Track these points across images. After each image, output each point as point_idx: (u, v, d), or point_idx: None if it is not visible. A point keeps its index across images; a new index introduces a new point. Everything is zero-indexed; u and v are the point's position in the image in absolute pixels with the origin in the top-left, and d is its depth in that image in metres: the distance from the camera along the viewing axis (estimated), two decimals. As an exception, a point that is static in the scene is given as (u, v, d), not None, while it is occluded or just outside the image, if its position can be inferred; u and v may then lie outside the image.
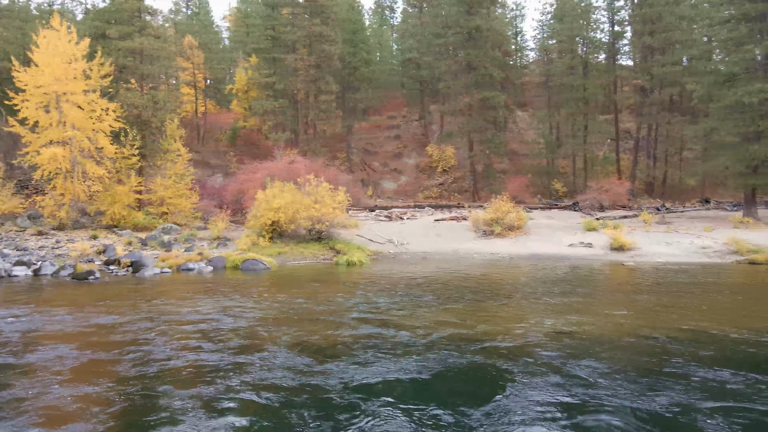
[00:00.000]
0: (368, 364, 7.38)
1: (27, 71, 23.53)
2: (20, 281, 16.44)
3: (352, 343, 8.52)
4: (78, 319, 10.67)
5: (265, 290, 14.48)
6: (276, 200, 21.96)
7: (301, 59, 34.37)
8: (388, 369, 7.17)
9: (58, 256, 20.06)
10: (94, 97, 24.44)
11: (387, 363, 7.41)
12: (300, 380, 6.78)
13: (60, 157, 23.22)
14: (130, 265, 18.54)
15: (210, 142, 36.65)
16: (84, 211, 25.38)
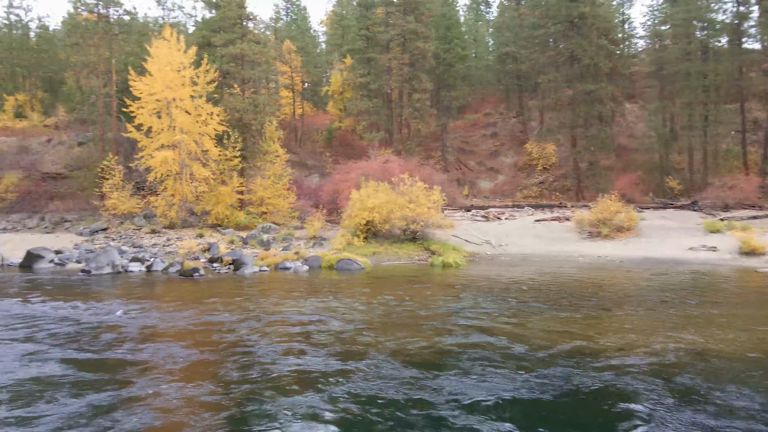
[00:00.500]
0: (479, 378, 6.61)
1: (142, 80, 25.09)
2: (135, 276, 17.35)
3: (460, 353, 7.78)
4: (186, 316, 10.84)
5: (362, 291, 14.09)
6: (370, 200, 21.70)
7: (395, 58, 34.11)
8: (502, 386, 6.35)
9: (168, 253, 21.09)
10: (201, 102, 25.59)
11: (500, 379, 6.60)
12: (406, 393, 6.16)
13: (170, 159, 24.52)
14: (232, 263, 19.02)
15: (307, 143, 37.46)
16: (191, 210, 26.66)
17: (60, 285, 15.32)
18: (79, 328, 9.84)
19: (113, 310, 11.51)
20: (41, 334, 9.30)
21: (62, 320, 10.43)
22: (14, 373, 7.07)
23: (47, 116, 39.13)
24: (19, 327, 9.82)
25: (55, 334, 9.25)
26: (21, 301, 12.55)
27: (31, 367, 7.29)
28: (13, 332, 9.40)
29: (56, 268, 19.20)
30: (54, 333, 9.36)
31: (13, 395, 6.31)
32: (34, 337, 9.05)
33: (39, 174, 30.93)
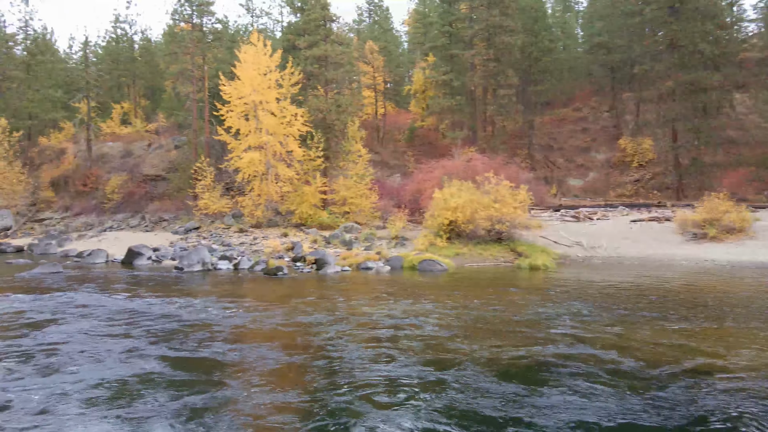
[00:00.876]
0: (587, 397, 5.87)
1: (231, 84, 25.99)
2: (223, 274, 17.85)
3: (561, 365, 7.04)
4: (273, 316, 10.83)
5: (447, 294, 13.53)
6: (453, 199, 21.08)
7: (479, 54, 33.16)
8: (614, 408, 5.58)
9: (255, 251, 21.62)
10: (285, 104, 26.12)
11: (611, 399, 5.82)
12: (504, 411, 5.56)
13: (257, 160, 25.20)
14: (314, 262, 19.12)
15: (389, 142, 37.37)
16: (277, 210, 27.28)
17: (156, 281, 16.00)
18: (174, 325, 10.06)
19: (206, 307, 11.73)
20: (139, 330, 9.57)
21: (159, 317, 10.73)
22: (115, 369, 7.23)
23: (149, 122, 41.80)
24: (120, 322, 10.19)
25: (152, 331, 9.49)
26: (121, 297, 13.15)
27: (131, 364, 7.43)
28: (115, 328, 9.74)
29: (153, 264, 20.21)
30: (151, 329, 9.60)
31: (114, 393, 6.41)
32: (134, 333, 9.32)
33: (140, 176, 33.01)
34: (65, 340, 8.82)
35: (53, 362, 7.56)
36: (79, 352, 8.06)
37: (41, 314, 10.91)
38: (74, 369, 7.23)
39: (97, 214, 31.70)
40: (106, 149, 36.42)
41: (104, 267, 19.78)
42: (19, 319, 10.54)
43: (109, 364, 7.47)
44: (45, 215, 32.80)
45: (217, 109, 27.00)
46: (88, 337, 9.03)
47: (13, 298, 12.91)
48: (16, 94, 36.87)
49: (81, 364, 7.43)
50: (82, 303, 12.18)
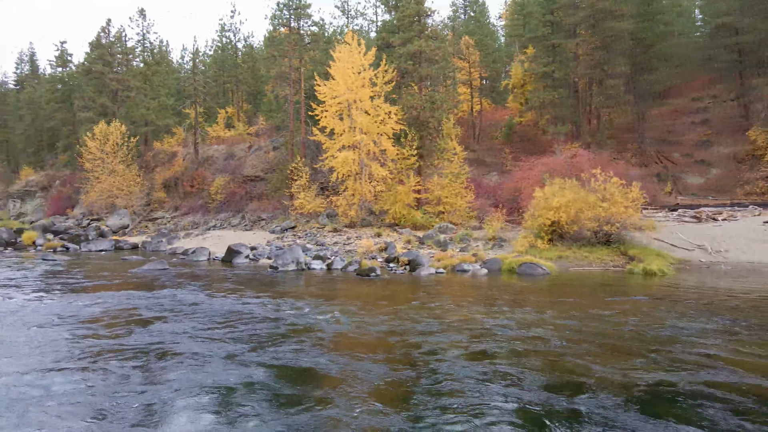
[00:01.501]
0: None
1: (326, 84, 26.13)
2: (316, 274, 17.78)
3: (708, 395, 5.84)
4: (371, 322, 10.39)
5: (554, 301, 12.35)
6: (556, 198, 19.59)
7: (584, 42, 30.91)
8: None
9: (348, 251, 21.46)
10: (379, 102, 25.81)
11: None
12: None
13: (350, 160, 25.11)
14: (408, 263, 18.55)
15: (485, 140, 36.03)
16: (370, 210, 27.08)
17: (253, 281, 16.20)
18: (272, 328, 9.90)
19: (302, 310, 11.52)
20: (239, 333, 9.48)
21: (256, 319, 10.65)
22: (217, 375, 7.05)
23: (250, 125, 43.59)
24: (220, 324, 10.18)
25: (251, 335, 9.35)
26: (220, 297, 13.33)
27: (232, 371, 7.23)
28: (216, 330, 9.72)
29: (250, 263, 20.67)
30: (250, 333, 9.47)
31: (215, 403, 6.18)
32: (233, 335, 9.24)
33: (241, 177, 34.35)
34: (168, 341, 8.87)
35: (156, 365, 7.54)
36: (181, 355, 8.02)
37: (148, 311, 11.21)
38: (176, 373, 7.14)
39: (202, 213, 33.39)
40: (211, 152, 38.37)
41: (206, 265, 20.52)
42: (126, 317, 10.88)
43: (210, 369, 7.32)
44: (158, 214, 35.11)
45: (313, 109, 27.31)
46: (190, 338, 9.02)
47: (123, 294, 13.51)
48: (134, 103, 39.90)
49: (183, 369, 7.34)
50: (185, 302, 12.44)
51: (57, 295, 13.26)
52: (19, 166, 61.67)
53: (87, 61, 40.19)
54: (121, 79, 38.89)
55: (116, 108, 39.06)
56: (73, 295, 13.30)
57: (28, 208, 48.83)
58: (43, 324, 10.02)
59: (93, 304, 11.96)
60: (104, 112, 38.61)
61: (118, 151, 34.94)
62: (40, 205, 47.03)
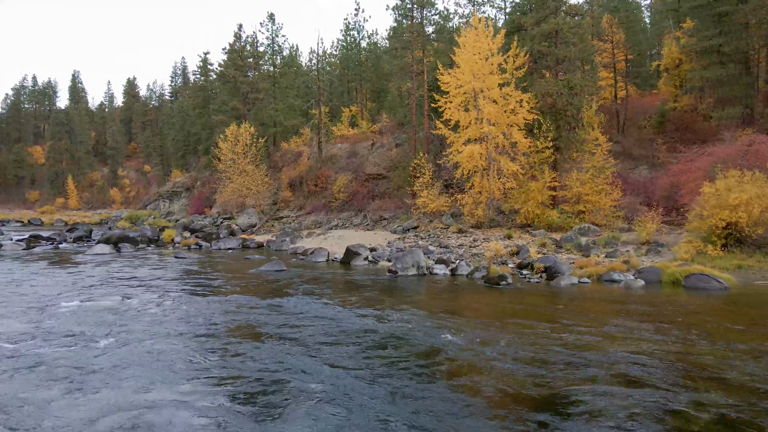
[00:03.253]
0: None
1: (450, 73, 24.20)
2: (439, 280, 16.00)
3: None
4: (505, 347, 8.41)
5: (746, 328, 9.34)
6: (733, 194, 15.91)
7: (761, 7, 25.58)
8: None
9: (474, 255, 19.37)
10: (509, 90, 23.31)
11: None
12: None
13: (477, 154, 22.94)
14: (544, 270, 16.07)
15: (632, 129, 31.62)
16: (499, 209, 24.68)
17: (371, 286, 14.81)
18: (397, 348, 8.47)
19: (427, 327, 9.80)
20: (354, 354, 8.11)
21: (378, 336, 9.25)
22: (351, 417, 5.65)
23: (373, 123, 43.02)
24: (338, 341, 8.90)
25: (369, 359, 7.97)
26: (337, 304, 12.05)
27: (363, 410, 5.81)
28: (335, 349, 8.44)
29: (369, 266, 19.41)
30: (371, 355, 8.13)
31: None
32: (354, 354, 7.95)
33: (364, 175, 33.62)
34: (286, 363, 7.65)
35: (289, 398, 6.30)
36: (297, 388, 6.70)
37: (258, 322, 10.19)
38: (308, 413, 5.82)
39: (325, 212, 33.17)
40: (335, 150, 38.27)
41: (324, 266, 19.63)
42: (234, 328, 9.91)
43: (340, 405, 5.92)
44: (283, 213, 35.64)
45: (437, 101, 25.52)
46: (302, 358, 7.74)
47: (235, 300, 12.77)
48: (263, 105, 41.16)
49: (300, 404, 5.97)
50: (297, 311, 11.31)
51: (172, 297, 12.85)
52: (170, 169, 67.68)
53: (221, 66, 42.30)
54: (251, 82, 40.27)
55: (246, 110, 40.54)
56: (188, 297, 12.80)
57: (175, 207, 52.94)
58: (150, 335, 9.30)
59: (204, 311, 11.23)
60: (236, 114, 40.27)
61: (248, 152, 36.02)
62: (184, 204, 50.70)
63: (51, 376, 6.98)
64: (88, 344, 8.54)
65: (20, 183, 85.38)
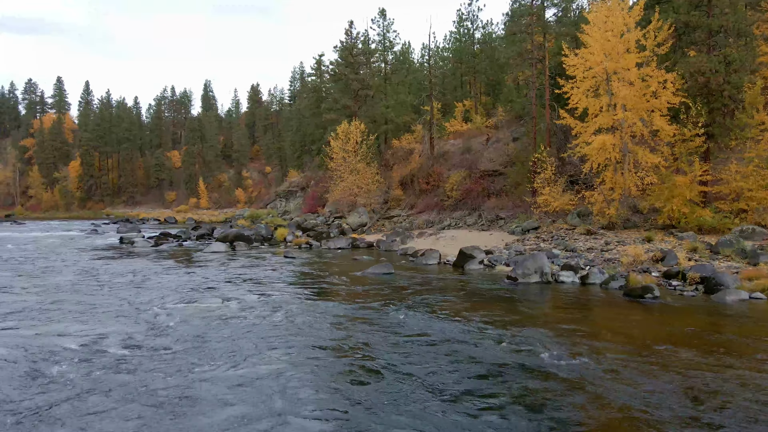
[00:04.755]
0: None
1: (577, 54, 21.55)
2: (566, 289, 13.81)
3: None
4: (669, 398, 6.34)
5: None
6: None
7: None
8: None
9: (607, 261, 16.77)
10: (648, 70, 20.14)
11: None
12: None
13: (609, 145, 20.11)
14: (700, 281, 13.25)
15: (802, 112, 26.45)
16: (635, 207, 21.56)
17: (487, 296, 13.06)
18: (514, 385, 6.73)
19: (551, 351, 7.96)
20: (468, 386, 6.53)
21: (494, 367, 7.55)
22: None
23: (488, 118, 40.73)
24: (442, 368, 7.38)
25: (486, 396, 6.34)
26: (445, 317, 10.52)
27: None
28: (438, 379, 6.92)
29: (485, 270, 17.58)
30: (484, 391, 6.48)
31: None
32: (468, 386, 6.38)
33: (478, 172, 31.62)
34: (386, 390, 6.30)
35: None
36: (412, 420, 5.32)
37: (364, 335, 8.97)
38: None
39: (437, 211, 31.67)
40: (447, 147, 36.62)
41: (435, 270, 18.13)
42: (338, 340, 8.75)
43: None
44: (394, 212, 34.68)
45: (560, 88, 22.92)
46: (419, 391, 6.33)
47: (338, 307, 11.70)
48: (374, 102, 40.58)
49: None
50: (403, 326, 9.94)
51: (272, 301, 12.07)
52: (287, 170, 70.23)
53: (332, 64, 42.46)
54: (362, 79, 39.85)
55: (357, 108, 40.20)
56: (288, 302, 11.95)
57: (290, 206, 54.49)
58: (243, 347, 8.41)
59: (301, 319, 10.24)
60: (347, 112, 40.11)
61: (359, 150, 35.55)
62: (299, 203, 51.93)
63: (134, 396, 6.17)
64: (178, 356, 7.78)
65: (161, 185, 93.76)
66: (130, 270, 17.55)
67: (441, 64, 51.74)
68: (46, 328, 9.43)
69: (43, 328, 9.43)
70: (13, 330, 9.30)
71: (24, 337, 8.78)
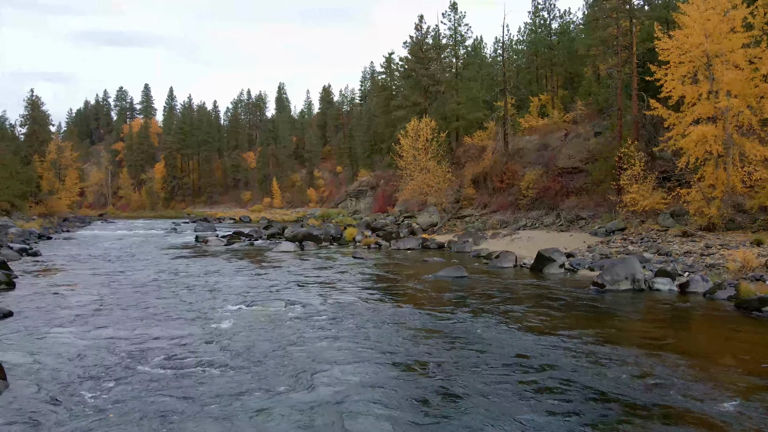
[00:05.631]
0: None
1: (671, 36, 19.49)
2: (662, 298, 12.24)
3: None
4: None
5: None
6: None
7: None
8: None
9: (710, 266, 14.86)
10: (758, 51, 17.82)
11: None
12: None
13: (710, 137, 17.98)
14: (832, 293, 11.26)
15: None
16: (740, 206, 19.21)
17: (570, 304, 11.76)
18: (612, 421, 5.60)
19: (653, 375, 6.73)
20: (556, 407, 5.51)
21: (587, 398, 6.43)
22: None
23: (566, 112, 38.53)
24: (530, 387, 6.38)
25: None
26: (528, 331, 9.43)
27: None
28: (528, 403, 5.93)
29: (566, 275, 16.14)
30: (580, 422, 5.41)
31: None
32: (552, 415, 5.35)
33: (556, 169, 29.77)
34: None
35: None
36: None
37: (434, 349, 8.09)
38: None
39: (512, 211, 30.13)
40: (522, 143, 34.87)
41: (511, 273, 16.89)
42: (404, 355, 7.93)
43: None
44: (466, 212, 33.42)
45: (647, 81, 20.87)
46: None
47: (404, 313, 10.86)
48: (444, 98, 39.42)
49: None
50: (482, 337, 8.97)
51: (337, 305, 11.41)
52: (357, 169, 70.39)
53: (401, 60, 41.70)
54: (432, 75, 38.78)
55: (428, 104, 39.18)
56: (353, 306, 11.24)
57: (361, 205, 54.36)
58: (304, 357, 7.76)
59: (365, 326, 9.48)
60: (417, 109, 39.18)
61: (429, 147, 34.57)
62: (369, 203, 51.66)
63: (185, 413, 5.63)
64: (228, 373, 7.22)
65: (237, 185, 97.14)
66: (199, 270, 17.59)
67: (515, 58, 49.71)
68: (96, 332, 9.24)
69: (94, 332, 9.25)
70: (81, 330, 9.17)
71: (87, 339, 8.58)
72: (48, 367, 7.05)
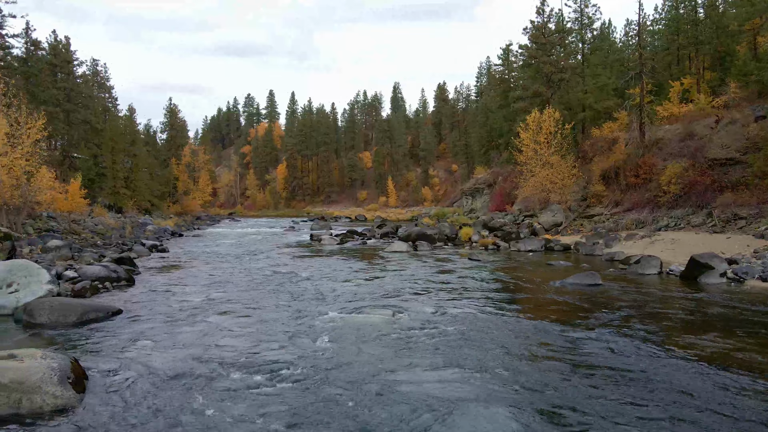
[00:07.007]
0: None
1: None
2: None
3: None
4: None
5: None
6: None
7: None
8: None
9: None
10: None
11: None
12: None
13: None
14: None
15: None
16: None
17: (744, 322, 9.39)
18: None
19: None
20: None
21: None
22: None
23: (715, 97, 33.63)
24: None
25: None
26: (692, 364, 7.46)
27: None
28: None
29: (730, 285, 13.39)
30: None
31: None
32: None
33: (705, 161, 25.80)
34: None
35: None
36: None
37: (569, 383, 6.54)
38: None
39: (649, 209, 26.64)
40: (661, 133, 30.84)
41: (656, 281, 14.44)
42: (532, 384, 6.46)
43: None
44: (594, 211, 30.30)
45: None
46: None
47: (533, 328, 9.26)
48: (569, 87, 36.26)
49: None
50: (635, 367, 7.23)
51: (451, 316, 10.09)
52: (473, 167, 68.30)
53: (521, 48, 39.09)
54: (555, 62, 35.82)
55: (550, 94, 36.28)
56: (471, 318, 9.85)
57: (477, 204, 52.39)
58: (415, 381, 6.58)
59: (486, 344, 8.07)
60: (538, 100, 36.41)
61: (552, 141, 31.88)
62: (486, 201, 49.54)
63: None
64: (347, 391, 6.21)
65: (353, 185, 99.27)
66: (309, 271, 17.18)
67: (650, 40, 44.74)
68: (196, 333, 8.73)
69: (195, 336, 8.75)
70: (181, 333, 8.77)
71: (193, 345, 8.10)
72: (134, 376, 6.53)
